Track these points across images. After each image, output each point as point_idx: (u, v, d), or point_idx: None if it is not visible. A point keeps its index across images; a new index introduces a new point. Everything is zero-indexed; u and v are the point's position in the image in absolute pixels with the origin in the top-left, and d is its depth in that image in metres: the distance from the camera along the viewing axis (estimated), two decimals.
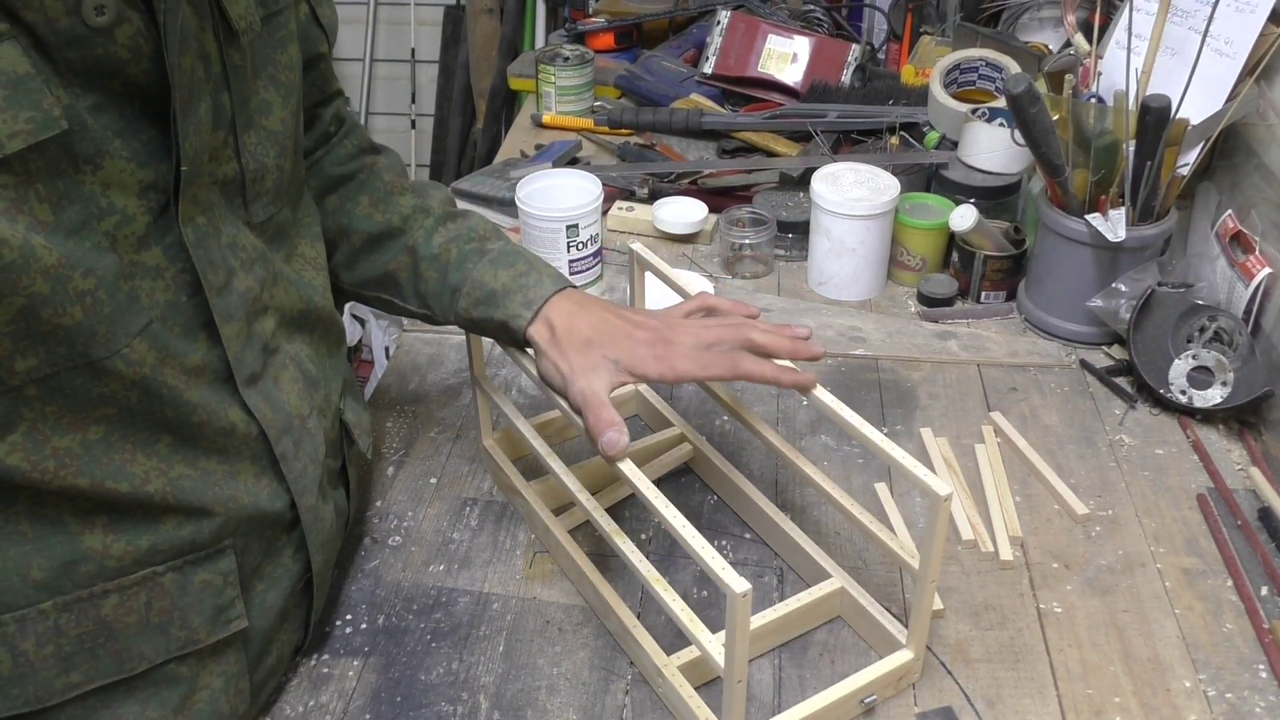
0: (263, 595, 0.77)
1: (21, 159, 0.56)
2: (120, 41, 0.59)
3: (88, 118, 0.59)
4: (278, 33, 0.75)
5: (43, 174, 0.57)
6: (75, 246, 0.59)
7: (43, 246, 0.57)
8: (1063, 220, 1.16)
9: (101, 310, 0.61)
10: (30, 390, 0.61)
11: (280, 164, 0.76)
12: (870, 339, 1.23)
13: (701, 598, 0.91)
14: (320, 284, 0.84)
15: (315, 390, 0.80)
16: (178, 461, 0.68)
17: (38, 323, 0.59)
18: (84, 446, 0.64)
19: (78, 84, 0.58)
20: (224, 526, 0.71)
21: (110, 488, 0.65)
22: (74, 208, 0.59)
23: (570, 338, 0.83)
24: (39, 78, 0.56)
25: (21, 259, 0.56)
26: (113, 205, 0.61)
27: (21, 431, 0.61)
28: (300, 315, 0.79)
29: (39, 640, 0.65)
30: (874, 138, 1.53)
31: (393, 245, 0.92)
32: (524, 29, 2.56)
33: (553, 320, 0.84)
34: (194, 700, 0.73)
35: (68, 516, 0.65)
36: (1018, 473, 1.05)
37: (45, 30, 0.56)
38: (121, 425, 0.65)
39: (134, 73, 0.60)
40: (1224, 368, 1.08)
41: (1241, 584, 0.91)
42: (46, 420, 0.62)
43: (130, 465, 0.66)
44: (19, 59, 0.55)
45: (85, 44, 0.57)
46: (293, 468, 0.76)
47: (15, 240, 0.56)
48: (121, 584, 0.67)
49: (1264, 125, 1.16)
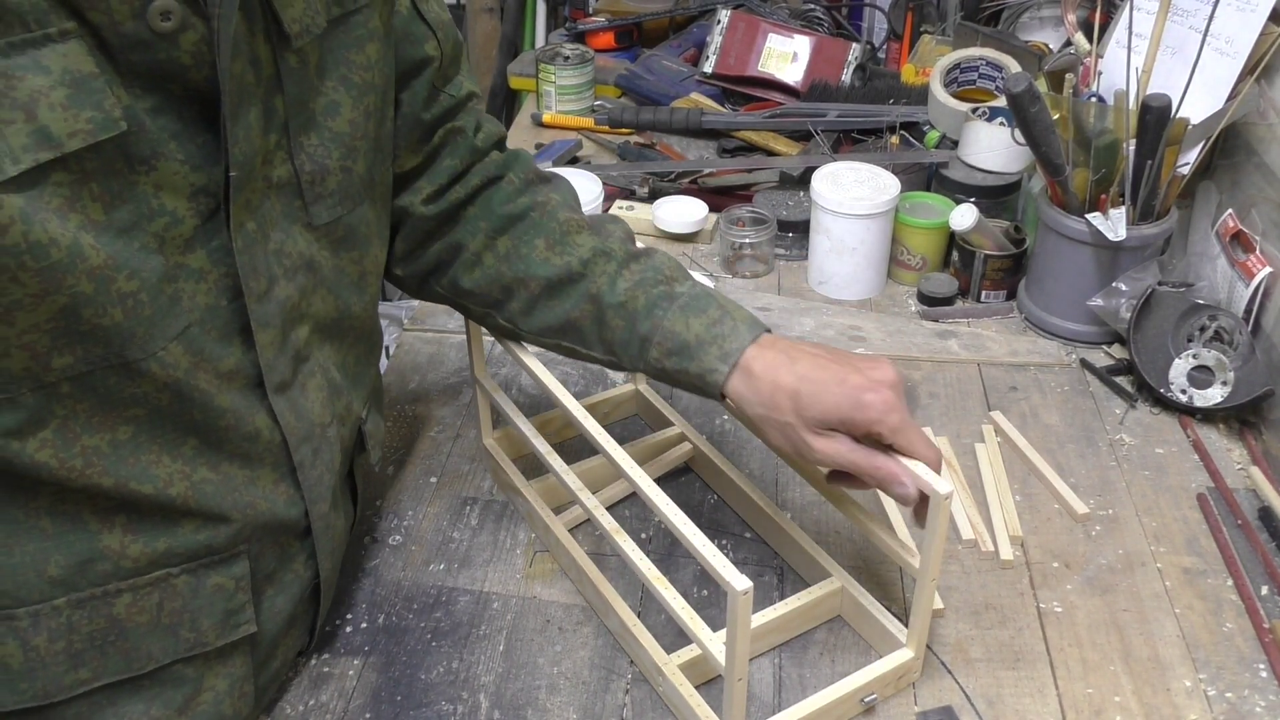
0: (273, 600, 0.77)
1: (79, 158, 0.56)
2: (184, 48, 0.58)
3: (146, 120, 0.59)
4: (354, 31, 0.73)
5: (98, 174, 0.57)
6: (124, 247, 0.59)
7: (91, 247, 0.57)
8: (1063, 219, 1.16)
9: (142, 313, 0.61)
10: (64, 388, 0.61)
11: (346, 165, 0.73)
12: (870, 338, 1.23)
13: (702, 596, 0.91)
14: (370, 290, 0.81)
15: (339, 398, 0.79)
16: (202, 465, 0.68)
17: (78, 322, 0.59)
18: (112, 446, 0.64)
19: (138, 86, 0.58)
20: (240, 532, 0.71)
21: (134, 488, 0.65)
22: (126, 208, 0.59)
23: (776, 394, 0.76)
24: (101, 78, 0.56)
25: (68, 258, 0.56)
26: (163, 207, 0.61)
27: (53, 428, 0.61)
28: (334, 323, 0.78)
29: (51, 636, 0.66)
30: (874, 137, 1.53)
31: (574, 292, 0.84)
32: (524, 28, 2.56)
33: (753, 369, 0.77)
34: (198, 702, 0.73)
35: (88, 515, 0.65)
36: (1018, 472, 1.05)
37: (110, 32, 0.56)
38: (150, 427, 0.65)
39: (195, 78, 0.60)
40: (1224, 367, 1.08)
41: (1242, 583, 0.91)
42: (77, 418, 0.62)
43: (155, 467, 0.66)
44: (84, 58, 0.55)
45: (148, 48, 0.57)
46: (309, 475, 0.75)
47: (65, 240, 0.56)
48: (135, 584, 0.68)
49: (1264, 124, 1.16)
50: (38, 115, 0.53)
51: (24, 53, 0.53)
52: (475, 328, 0.95)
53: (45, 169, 0.54)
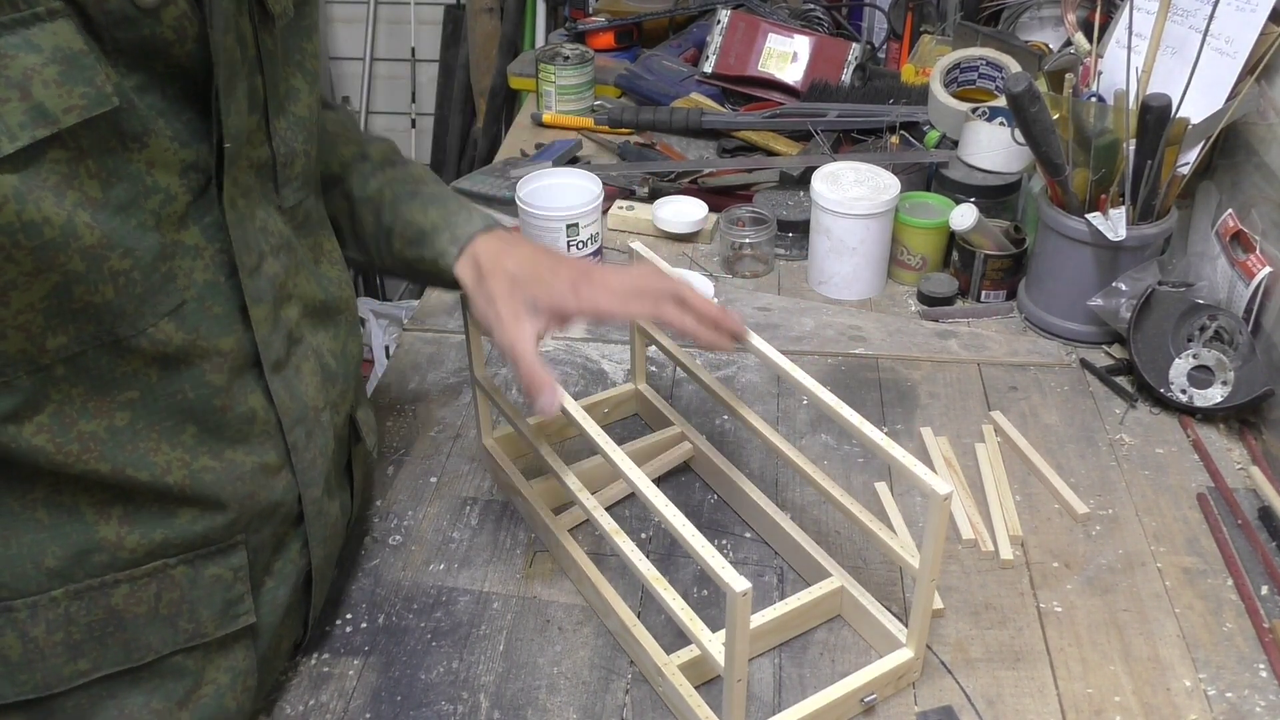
0: (273, 591, 0.77)
1: (74, 134, 0.57)
2: (166, 22, 0.59)
3: (134, 97, 0.60)
4: (304, 21, 0.76)
5: (94, 150, 0.58)
6: (121, 224, 0.60)
7: (86, 225, 0.58)
8: (1063, 219, 1.16)
9: (133, 290, 0.62)
10: (59, 370, 0.61)
11: (307, 150, 0.77)
12: (870, 338, 1.23)
13: (701, 597, 0.91)
14: (336, 277, 0.84)
15: (332, 384, 0.80)
16: (203, 453, 0.69)
17: (70, 300, 0.59)
18: (109, 432, 0.64)
19: (124, 64, 0.59)
20: (236, 521, 0.72)
21: (130, 475, 0.65)
22: (122, 185, 0.60)
23: (496, 276, 0.83)
24: (91, 55, 0.57)
25: (62, 237, 0.57)
26: (157, 184, 0.62)
27: (49, 413, 0.62)
28: (321, 306, 0.80)
29: (49, 627, 0.66)
30: (874, 137, 1.53)
31: (332, 191, 0.91)
32: (524, 28, 2.56)
33: (480, 258, 0.85)
34: (199, 694, 0.73)
35: (84, 506, 0.66)
36: (1018, 472, 1.04)
37: (95, 10, 0.57)
38: (147, 412, 0.66)
39: (178, 54, 0.61)
40: (1224, 367, 1.08)
41: (1242, 583, 0.91)
42: (73, 402, 0.63)
43: (153, 454, 0.66)
44: (73, 36, 0.56)
45: (133, 24, 0.58)
46: (302, 458, 0.76)
47: (59, 219, 0.57)
48: (133, 574, 0.68)
49: (1264, 124, 1.16)
50: (32, 92, 0.54)
51: (14, 32, 0.53)
52: (475, 328, 0.95)
53: (42, 146, 0.55)
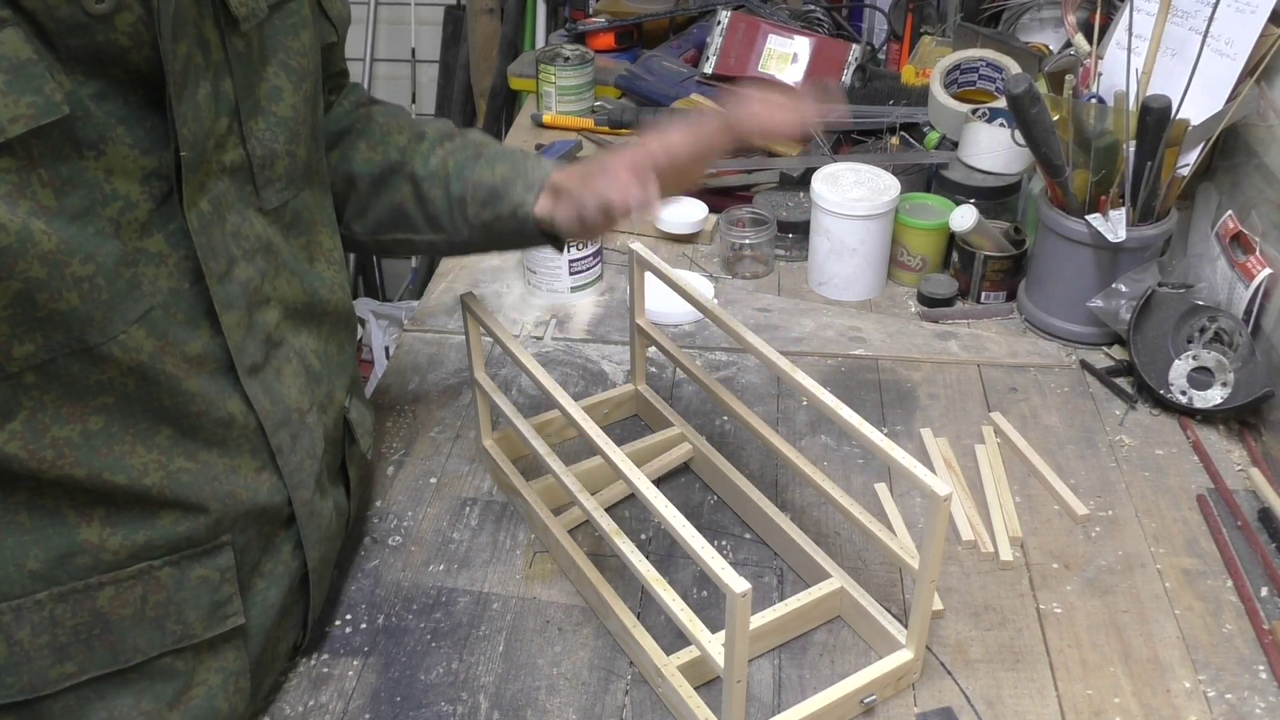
0: (264, 593, 0.77)
1: (24, 143, 0.56)
2: (120, 29, 0.59)
3: (91, 105, 0.59)
4: (289, 19, 0.75)
5: (45, 159, 0.58)
6: (77, 232, 0.60)
7: (41, 231, 0.58)
8: (1063, 220, 1.16)
9: (99, 296, 0.61)
10: (29, 378, 0.61)
11: (292, 149, 0.76)
12: (870, 339, 1.23)
13: (701, 598, 0.91)
14: (330, 278, 0.83)
15: (318, 386, 0.80)
16: (178, 455, 0.69)
17: (34, 308, 0.59)
18: (84, 437, 0.64)
19: (80, 71, 0.59)
20: (220, 522, 0.71)
21: (107, 479, 0.65)
22: (78, 193, 0.60)
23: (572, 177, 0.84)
24: (41, 64, 0.56)
25: (18, 243, 0.57)
26: (116, 191, 0.62)
27: (21, 420, 0.62)
28: (305, 308, 0.79)
29: (34, 630, 0.66)
30: (874, 138, 1.53)
31: (396, 180, 0.90)
32: (524, 29, 2.56)
33: (555, 183, 0.85)
34: (190, 695, 0.73)
35: (66, 508, 0.65)
36: (1018, 473, 1.04)
37: (45, 17, 0.56)
38: (121, 415, 0.65)
39: (135, 60, 0.61)
40: (1224, 368, 1.08)
41: (1241, 584, 0.91)
42: (45, 409, 0.62)
43: (129, 457, 0.66)
44: (21, 45, 0.55)
45: (86, 31, 0.58)
46: (289, 461, 0.76)
47: (13, 225, 0.56)
48: (117, 577, 0.68)
49: (1264, 126, 1.16)
50: None
51: None
52: (475, 329, 0.95)
53: None
